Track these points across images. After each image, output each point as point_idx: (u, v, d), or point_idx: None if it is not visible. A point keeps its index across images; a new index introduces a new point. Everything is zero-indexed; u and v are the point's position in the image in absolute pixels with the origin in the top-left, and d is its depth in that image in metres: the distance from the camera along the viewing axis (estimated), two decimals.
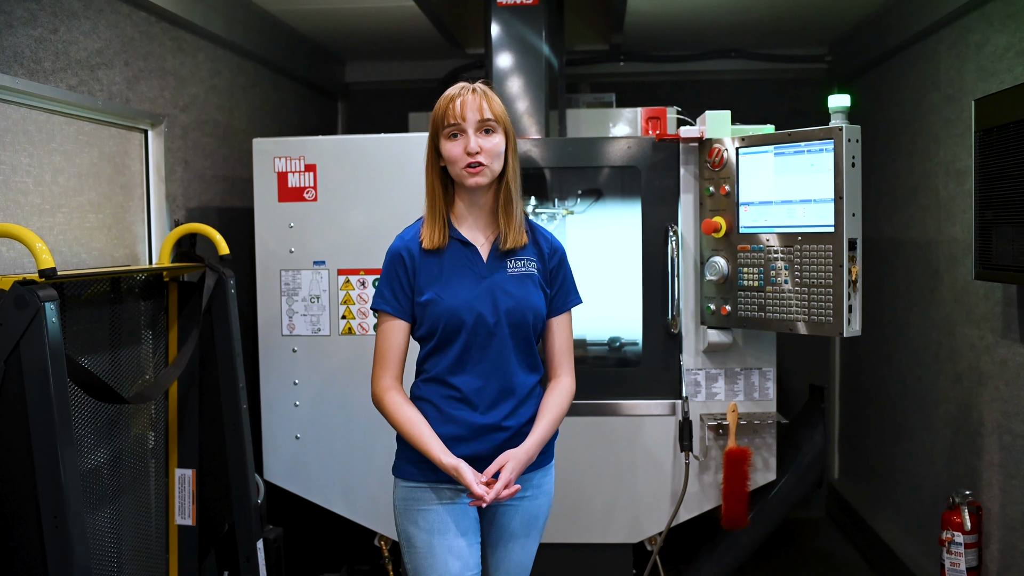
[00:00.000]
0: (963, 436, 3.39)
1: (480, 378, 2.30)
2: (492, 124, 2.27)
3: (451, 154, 2.26)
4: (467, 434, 2.30)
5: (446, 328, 2.28)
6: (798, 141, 2.96)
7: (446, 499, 2.32)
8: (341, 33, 4.60)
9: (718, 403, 3.36)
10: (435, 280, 2.30)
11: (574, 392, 2.45)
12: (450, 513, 2.32)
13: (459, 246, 2.33)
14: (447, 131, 2.27)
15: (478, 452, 2.29)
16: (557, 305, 2.42)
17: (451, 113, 2.25)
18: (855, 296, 2.88)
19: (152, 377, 2.97)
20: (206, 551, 3.09)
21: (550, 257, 2.41)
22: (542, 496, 2.43)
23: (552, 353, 2.44)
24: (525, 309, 2.32)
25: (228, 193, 3.87)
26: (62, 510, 2.11)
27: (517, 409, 2.33)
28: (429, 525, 2.31)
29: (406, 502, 2.35)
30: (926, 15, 3.63)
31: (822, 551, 4.64)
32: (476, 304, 2.28)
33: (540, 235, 2.43)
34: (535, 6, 3.73)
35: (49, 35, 2.66)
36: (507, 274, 2.33)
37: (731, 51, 4.97)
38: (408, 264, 2.32)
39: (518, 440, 2.32)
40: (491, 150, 2.26)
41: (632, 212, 3.49)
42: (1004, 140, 2.72)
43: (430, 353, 2.34)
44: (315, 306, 3.41)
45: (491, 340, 2.29)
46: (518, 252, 2.35)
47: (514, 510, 2.39)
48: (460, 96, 2.27)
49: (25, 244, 2.18)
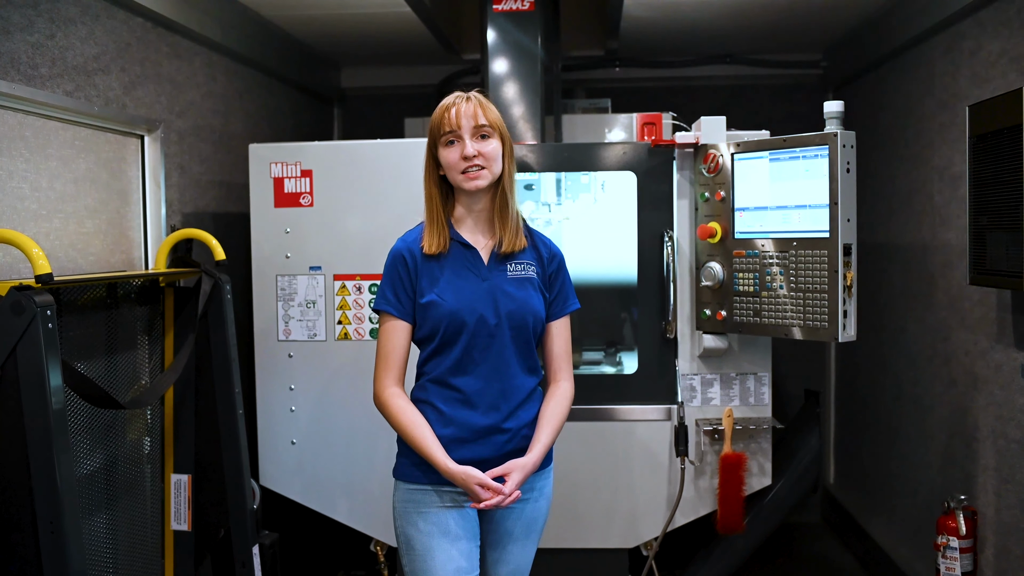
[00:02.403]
0: (958, 441, 3.40)
1: (481, 379, 2.31)
2: (487, 130, 2.30)
3: (449, 160, 2.30)
4: (467, 436, 2.30)
5: (448, 330, 2.29)
6: (793, 147, 2.97)
7: (447, 502, 2.32)
8: (337, 38, 4.60)
9: (714, 408, 3.36)
10: (436, 282, 2.32)
11: (573, 396, 2.47)
12: (450, 516, 2.32)
13: (460, 248, 2.36)
14: (444, 139, 2.30)
15: (480, 456, 2.30)
16: (556, 309, 2.44)
17: (447, 121, 2.29)
18: (850, 301, 2.88)
19: (148, 382, 2.97)
20: (202, 556, 3.08)
21: (549, 262, 2.43)
22: (542, 499, 2.44)
23: (551, 357, 2.46)
24: (526, 312, 2.34)
25: (224, 198, 3.87)
26: (58, 515, 2.11)
27: (516, 411, 2.34)
28: (429, 528, 2.31)
29: (406, 504, 2.35)
30: (920, 21, 3.64)
31: (818, 556, 4.64)
32: (478, 306, 2.30)
33: (539, 240, 2.45)
34: (531, 12, 3.74)
35: (46, 41, 2.66)
36: (507, 277, 2.35)
37: (726, 57, 4.98)
38: (410, 265, 2.33)
39: (518, 442, 2.34)
40: (488, 154, 2.29)
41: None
42: (998, 146, 2.73)
43: (431, 355, 2.35)
44: (311, 311, 3.41)
45: (492, 342, 2.31)
46: (518, 256, 2.38)
47: (514, 513, 2.40)
48: (455, 104, 2.30)
49: (21, 249, 2.19)
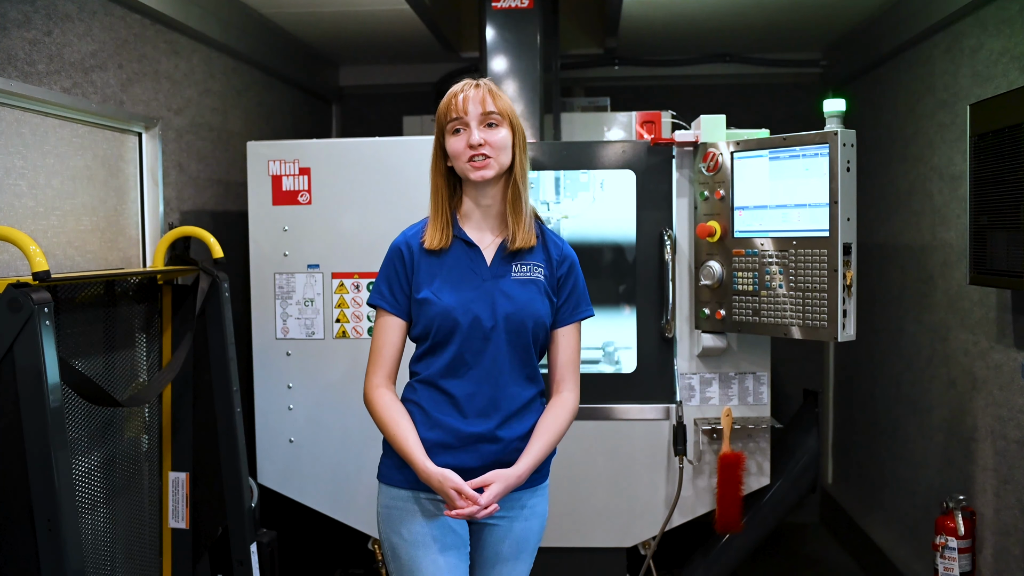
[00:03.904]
0: (957, 441, 3.40)
1: (472, 384, 2.19)
2: (496, 117, 2.19)
3: (455, 149, 2.19)
4: (453, 442, 2.18)
5: (440, 329, 2.19)
6: (793, 145, 2.96)
7: (434, 509, 2.21)
8: (335, 36, 4.59)
9: (712, 407, 3.36)
10: (433, 279, 2.22)
11: (576, 409, 2.31)
12: (438, 526, 2.21)
13: (463, 246, 2.25)
14: (450, 126, 2.20)
15: (464, 464, 2.18)
16: (564, 315, 2.30)
17: (453, 108, 2.19)
18: (849, 301, 2.88)
19: (146, 380, 2.96)
20: (199, 554, 3.08)
21: (559, 264, 2.29)
22: (534, 518, 2.30)
23: (555, 366, 2.31)
24: (525, 316, 2.20)
25: (222, 196, 3.86)
26: (56, 513, 2.10)
27: (509, 421, 2.21)
28: (414, 537, 2.20)
29: (390, 510, 2.24)
30: (921, 20, 3.64)
31: (816, 556, 4.64)
32: (472, 306, 2.19)
33: (550, 240, 2.31)
34: (530, 10, 3.73)
35: (43, 37, 2.65)
36: (511, 278, 2.23)
37: (726, 55, 4.97)
38: (407, 260, 2.24)
39: (509, 453, 2.21)
40: (496, 143, 2.17)
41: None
42: (999, 145, 2.73)
43: (423, 355, 2.25)
44: (309, 309, 3.40)
45: (486, 345, 2.19)
46: (525, 256, 2.25)
47: (503, 531, 2.27)
48: (463, 91, 2.20)
49: (19, 247, 2.18)
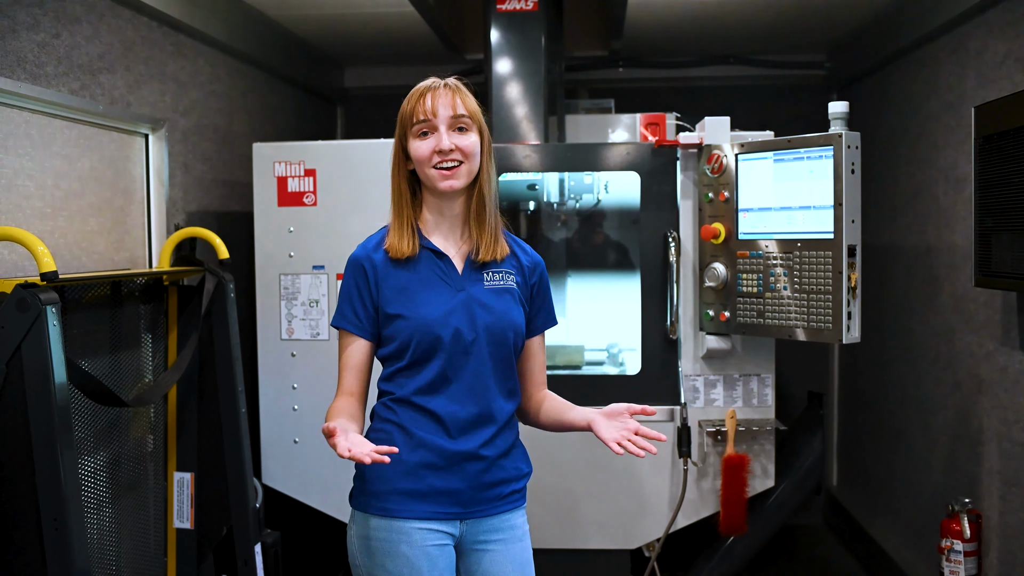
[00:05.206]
0: (962, 443, 3.39)
1: (454, 402, 2.04)
2: (466, 121, 2.05)
3: (420, 154, 2.03)
4: (438, 461, 2.03)
5: (419, 346, 2.03)
6: (797, 147, 2.96)
7: (417, 540, 2.03)
8: (340, 38, 4.60)
9: (717, 409, 3.36)
10: (402, 293, 2.06)
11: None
12: (424, 557, 2.03)
13: (431, 256, 2.09)
14: (416, 129, 2.04)
15: (452, 487, 2.04)
16: (538, 324, 2.22)
17: (421, 109, 2.03)
18: (854, 303, 2.88)
19: (151, 380, 2.97)
20: (204, 554, 3.08)
21: (531, 272, 2.18)
22: (525, 538, 2.17)
23: (532, 373, 2.24)
24: (505, 326, 2.08)
25: (228, 197, 3.87)
26: (62, 512, 2.11)
27: (494, 439, 2.08)
28: (398, 570, 2.02)
29: (367, 541, 2.06)
30: (925, 22, 3.63)
31: (820, 558, 4.64)
32: (451, 319, 2.03)
33: (518, 248, 2.20)
34: (535, 12, 3.73)
35: (52, 40, 2.66)
36: (484, 287, 2.10)
37: (730, 57, 4.98)
38: (370, 275, 2.08)
39: (495, 471, 2.08)
40: (466, 149, 2.03)
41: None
42: (1004, 147, 2.73)
43: (397, 373, 2.08)
44: (314, 310, 3.41)
45: (468, 360, 2.04)
46: (496, 264, 2.12)
47: (502, 555, 2.11)
48: (431, 91, 2.05)
49: (27, 247, 2.19)
